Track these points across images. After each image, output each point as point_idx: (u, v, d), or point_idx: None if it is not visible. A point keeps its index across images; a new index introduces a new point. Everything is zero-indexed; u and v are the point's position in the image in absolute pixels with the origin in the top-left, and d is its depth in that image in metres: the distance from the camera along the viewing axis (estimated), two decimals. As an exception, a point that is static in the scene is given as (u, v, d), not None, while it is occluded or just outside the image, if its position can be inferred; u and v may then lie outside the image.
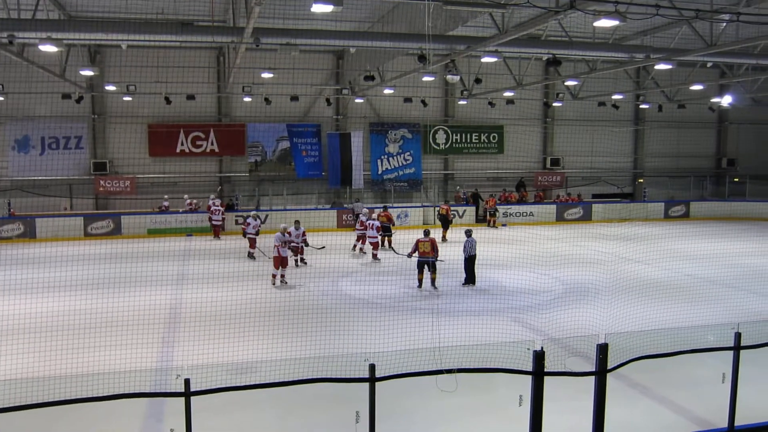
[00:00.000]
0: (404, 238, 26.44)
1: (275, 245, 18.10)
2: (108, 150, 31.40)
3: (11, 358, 9.61)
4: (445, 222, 27.50)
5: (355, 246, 24.04)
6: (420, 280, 17.71)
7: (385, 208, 26.24)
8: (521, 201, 34.62)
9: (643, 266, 20.31)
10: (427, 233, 18.09)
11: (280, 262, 18.12)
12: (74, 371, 7.66)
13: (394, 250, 22.16)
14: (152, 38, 20.47)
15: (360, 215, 24.40)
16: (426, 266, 17.54)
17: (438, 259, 17.53)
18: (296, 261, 20.91)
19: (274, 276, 18.13)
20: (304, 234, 20.27)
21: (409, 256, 17.90)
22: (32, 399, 5.87)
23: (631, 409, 9.28)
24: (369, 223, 22.78)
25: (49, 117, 29.20)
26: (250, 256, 22.61)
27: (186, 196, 30.75)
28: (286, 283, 18.11)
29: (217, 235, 28.64)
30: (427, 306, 15.54)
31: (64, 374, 6.49)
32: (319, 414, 9.06)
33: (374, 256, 22.42)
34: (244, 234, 23.24)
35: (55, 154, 30.58)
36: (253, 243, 22.69)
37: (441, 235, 26.37)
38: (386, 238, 24.24)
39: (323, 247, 21.07)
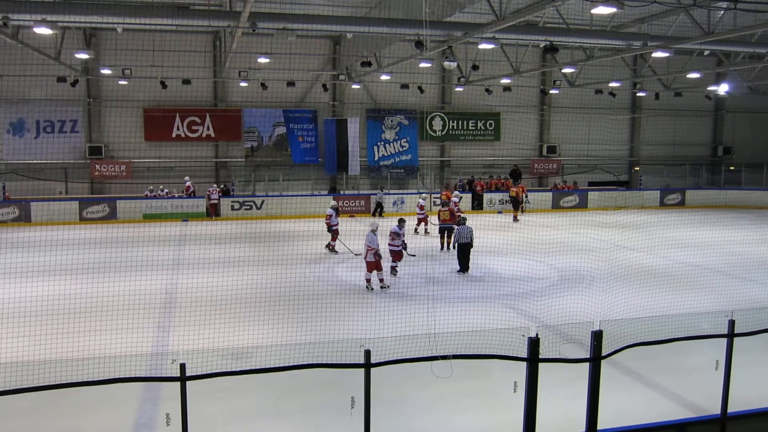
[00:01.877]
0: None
1: (368, 247, 15.81)
2: (103, 134, 31.32)
3: (6, 342, 9.62)
4: (516, 203, 30.07)
5: (416, 230, 24.70)
6: (442, 244, 20.86)
7: (447, 186, 29.95)
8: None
9: (639, 254, 20.36)
10: (445, 204, 22.43)
11: (376, 265, 15.85)
12: (69, 355, 7.66)
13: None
14: (148, 21, 20.34)
15: (420, 201, 25.72)
16: (446, 231, 20.52)
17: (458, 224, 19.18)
18: (393, 268, 17.36)
19: (369, 281, 16.01)
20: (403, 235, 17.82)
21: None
22: (27, 383, 5.87)
23: (625, 396, 9.32)
24: (418, 203, 25.18)
25: (44, 100, 29.08)
26: (331, 248, 21.09)
27: (162, 187, 30.93)
28: (388, 287, 15.99)
29: (211, 215, 29.25)
30: (423, 293, 15.56)
31: (59, 358, 6.50)
32: (314, 399, 9.09)
33: (425, 231, 24.62)
34: (329, 228, 21.13)
35: (50, 138, 30.48)
36: (336, 235, 21.06)
37: (513, 216, 29.66)
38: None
39: (414, 255, 18.68)
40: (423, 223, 24.84)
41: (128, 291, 14.78)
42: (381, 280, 15.99)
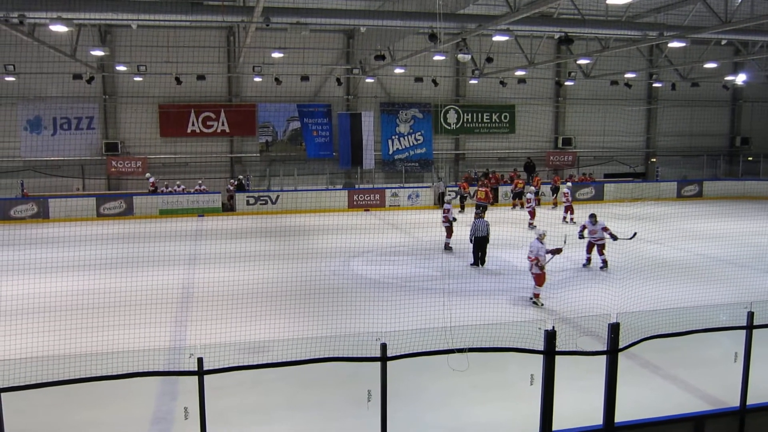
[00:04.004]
0: (417, 218, 26.51)
1: (534, 258, 13.89)
2: (119, 130, 31.50)
3: (26, 337, 9.71)
4: (556, 190, 31.71)
5: (564, 218, 26.26)
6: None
7: (467, 179, 32.14)
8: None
9: (656, 246, 20.23)
10: (484, 184, 26.17)
11: (544, 278, 13.99)
12: (88, 350, 7.74)
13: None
14: (162, 18, 20.41)
15: (528, 194, 26.36)
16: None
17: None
18: (604, 262, 17.40)
19: (537, 295, 13.97)
20: (605, 228, 17.22)
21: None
22: (47, 377, 5.93)
23: (642, 389, 9.28)
24: (529, 197, 25.70)
25: (60, 97, 29.29)
26: (448, 248, 20.10)
27: (178, 182, 31.23)
28: (543, 305, 13.90)
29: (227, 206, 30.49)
30: (438, 286, 15.57)
31: (78, 353, 6.56)
32: (331, 393, 9.12)
33: (572, 220, 25.58)
34: (449, 221, 20.09)
35: (66, 135, 30.70)
36: (451, 232, 20.07)
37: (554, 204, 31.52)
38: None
39: (635, 234, 17.00)
40: (569, 212, 26.02)
41: (145, 286, 14.87)
42: (537, 296, 13.94)
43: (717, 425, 7.74)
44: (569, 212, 26.14)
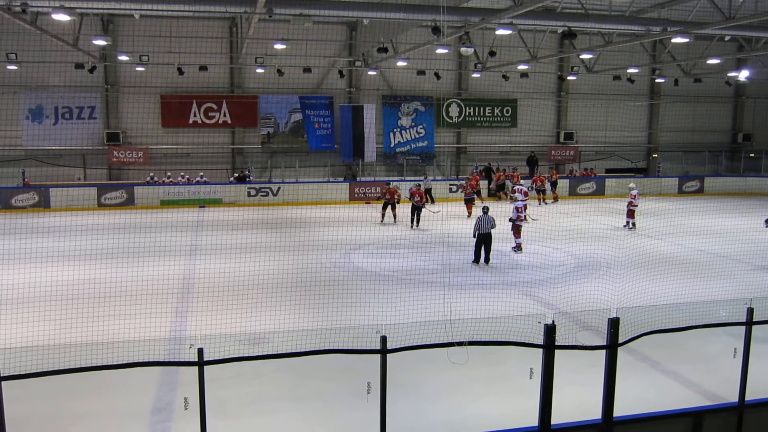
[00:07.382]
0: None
1: None
2: (121, 120, 31.48)
3: (26, 326, 9.73)
4: (554, 185, 32.31)
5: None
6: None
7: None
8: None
9: (656, 241, 20.24)
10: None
11: None
12: (89, 340, 7.76)
13: None
14: (165, 7, 20.38)
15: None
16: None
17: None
18: None
19: None
20: None
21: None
22: (46, 366, 5.94)
23: (641, 383, 9.30)
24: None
25: (62, 87, 29.26)
26: (518, 247, 18.88)
27: (183, 173, 31.16)
28: None
29: None
30: (439, 279, 15.58)
31: (78, 342, 6.56)
32: (330, 385, 9.14)
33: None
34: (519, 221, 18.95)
35: (68, 124, 30.67)
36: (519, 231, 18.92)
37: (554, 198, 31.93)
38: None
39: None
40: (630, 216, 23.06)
41: (146, 276, 14.89)
42: None
43: (716, 420, 7.75)
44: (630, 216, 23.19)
